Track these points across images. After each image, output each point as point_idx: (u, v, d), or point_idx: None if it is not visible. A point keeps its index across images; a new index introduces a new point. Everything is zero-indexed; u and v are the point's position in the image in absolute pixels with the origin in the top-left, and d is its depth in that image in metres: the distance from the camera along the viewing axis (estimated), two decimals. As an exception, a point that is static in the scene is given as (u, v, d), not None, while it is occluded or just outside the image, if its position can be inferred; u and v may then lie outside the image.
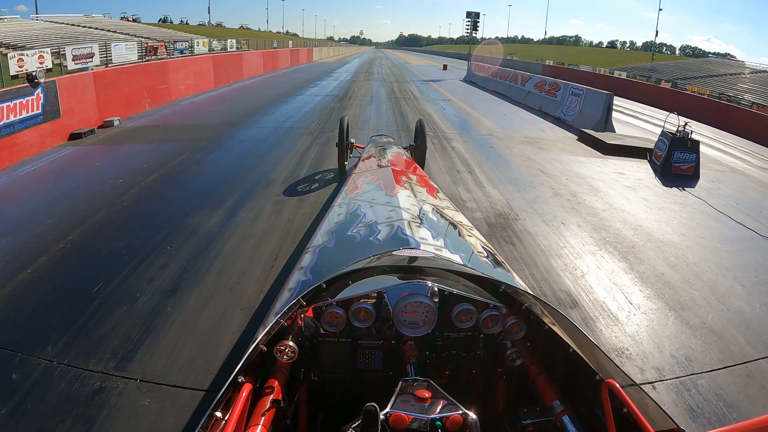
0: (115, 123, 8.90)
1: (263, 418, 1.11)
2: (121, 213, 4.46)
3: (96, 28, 28.37)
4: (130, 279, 3.28)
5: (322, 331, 1.40)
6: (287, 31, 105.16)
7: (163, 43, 22.89)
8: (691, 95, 18.62)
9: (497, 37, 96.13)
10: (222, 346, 2.62)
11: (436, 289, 1.38)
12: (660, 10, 50.09)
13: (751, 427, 0.71)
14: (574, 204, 5.17)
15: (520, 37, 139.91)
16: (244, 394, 1.11)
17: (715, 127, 12.61)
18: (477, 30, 29.83)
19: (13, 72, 10.96)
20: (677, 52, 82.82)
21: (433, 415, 0.98)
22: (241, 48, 28.19)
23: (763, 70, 32.30)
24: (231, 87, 15.79)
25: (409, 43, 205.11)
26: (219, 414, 1.03)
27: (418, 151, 5.68)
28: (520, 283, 1.90)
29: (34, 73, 7.56)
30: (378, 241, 1.94)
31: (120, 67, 11.10)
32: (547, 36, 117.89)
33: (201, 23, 62.68)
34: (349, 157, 5.96)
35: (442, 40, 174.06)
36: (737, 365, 2.78)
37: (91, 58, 17.80)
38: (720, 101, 16.40)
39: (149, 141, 7.51)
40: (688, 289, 3.59)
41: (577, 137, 9.12)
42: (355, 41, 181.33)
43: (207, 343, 2.64)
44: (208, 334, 2.70)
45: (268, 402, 1.16)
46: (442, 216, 2.45)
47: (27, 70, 15.04)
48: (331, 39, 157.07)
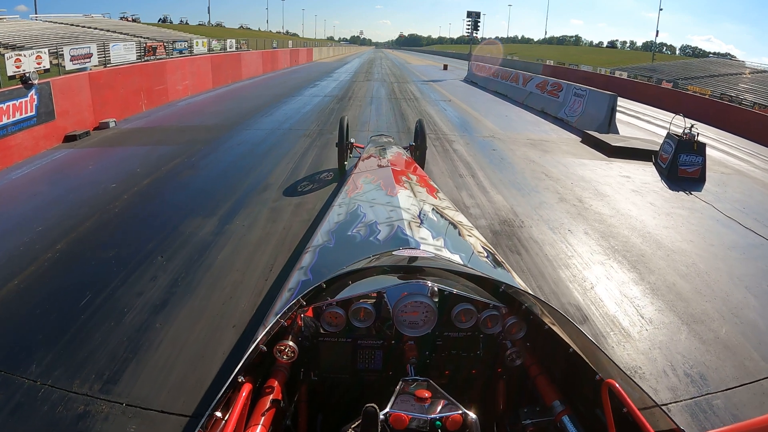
0: (111, 125, 8.76)
1: (263, 418, 1.10)
2: (112, 220, 4.32)
3: (95, 28, 28.19)
4: (118, 292, 3.14)
5: (322, 331, 1.39)
6: (287, 31, 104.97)
7: (162, 44, 22.73)
8: (692, 95, 18.49)
9: (497, 37, 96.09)
10: (212, 367, 2.47)
11: (436, 289, 1.38)
12: (660, 10, 50.00)
13: (751, 427, 0.71)
14: (580, 210, 5.03)
15: (520, 37, 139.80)
16: (244, 394, 1.10)
17: (716, 127, 12.48)
18: (478, 30, 29.70)
19: (10, 72, 10.83)
20: (677, 52, 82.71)
21: (433, 415, 0.97)
22: (240, 48, 28.00)
23: (764, 70, 32.17)
24: (229, 87, 15.65)
25: (409, 43, 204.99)
26: (219, 414, 1.02)
27: (418, 151, 5.66)
28: (520, 283, 1.88)
29: (28, 74, 7.43)
30: (378, 241, 1.94)
31: (116, 68, 10.95)
32: (547, 36, 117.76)
33: (201, 23, 62.49)
34: (349, 157, 5.93)
35: (442, 40, 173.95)
36: (753, 383, 2.66)
37: (89, 58, 17.64)
38: (721, 101, 16.27)
39: (144, 143, 7.36)
40: (700, 300, 3.46)
41: (580, 139, 8.98)
42: (355, 41, 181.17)
43: (196, 363, 2.49)
44: (197, 354, 2.55)
45: (268, 402, 1.15)
46: (442, 216, 2.44)
47: (24, 70, 14.92)
48: (331, 39, 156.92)
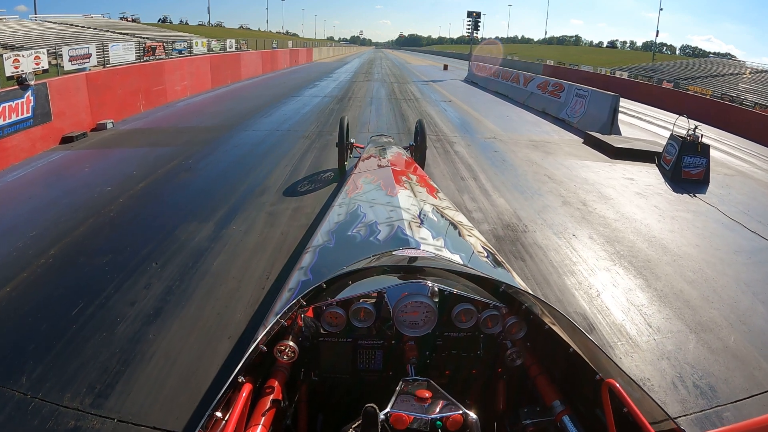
0: (109, 126, 8.66)
1: (263, 418, 1.10)
2: (107, 224, 4.23)
3: (95, 29, 28.14)
4: (111, 301, 3.05)
5: (322, 331, 1.39)
6: (287, 31, 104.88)
7: (161, 44, 22.65)
8: (693, 95, 18.42)
9: (497, 37, 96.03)
10: (206, 380, 2.38)
11: (436, 289, 1.38)
12: (661, 9, 49.92)
13: (751, 427, 0.70)
14: (584, 213, 4.94)
15: (520, 37, 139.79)
16: (244, 394, 1.10)
17: (717, 127, 12.40)
18: (478, 30, 29.59)
19: (8, 73, 10.76)
20: (677, 52, 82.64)
21: (433, 415, 0.97)
22: (240, 48, 27.93)
23: (764, 70, 32.10)
24: (229, 88, 15.55)
25: (409, 43, 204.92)
26: (219, 414, 1.02)
27: (418, 151, 5.64)
28: (520, 283, 1.87)
29: (24, 75, 7.33)
30: (378, 241, 1.93)
31: (114, 68, 10.87)
32: (547, 36, 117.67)
33: (201, 23, 62.40)
34: (349, 157, 5.91)
35: (442, 40, 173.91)
36: (762, 394, 2.59)
37: (88, 58, 17.56)
38: (722, 101, 16.19)
39: (141, 145, 7.27)
40: (708, 308, 3.38)
41: (582, 140, 8.89)
42: (355, 41, 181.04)
43: (190, 377, 2.40)
44: (191, 368, 2.46)
45: (268, 402, 1.15)
46: (442, 216, 2.43)
47: (23, 71, 14.84)
48: (331, 39, 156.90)
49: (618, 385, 1.03)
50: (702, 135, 6.94)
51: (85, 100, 8.48)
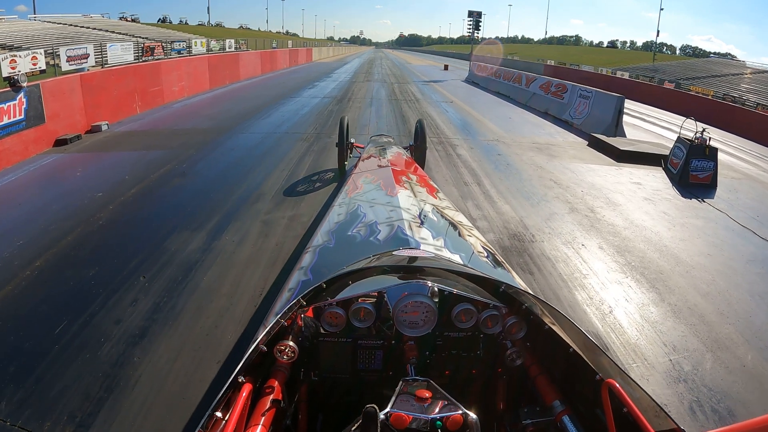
0: (104, 128, 8.49)
1: (263, 418, 1.10)
2: (95, 234, 4.05)
3: (94, 29, 27.94)
4: (96, 318, 2.88)
5: (322, 331, 1.38)
6: (287, 31, 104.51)
7: (160, 44, 22.46)
8: (695, 96, 18.25)
9: (497, 37, 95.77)
10: (194, 408, 2.21)
11: (436, 289, 1.38)
12: (661, 9, 49.71)
13: (751, 427, 0.70)
14: (593, 221, 4.76)
15: (520, 37, 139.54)
16: (244, 394, 1.09)
17: (720, 128, 12.25)
18: (479, 29, 29.41)
19: (5, 74, 10.58)
20: (677, 52, 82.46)
21: (433, 415, 0.96)
22: (240, 48, 27.73)
23: (765, 70, 31.91)
24: (227, 88, 15.38)
25: (410, 43, 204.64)
26: (219, 414, 1.01)
27: (418, 151, 5.62)
28: (520, 283, 1.87)
29: (16, 77, 7.16)
30: (378, 241, 1.93)
31: (109, 69, 10.68)
32: (548, 36, 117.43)
33: (200, 23, 62.13)
34: (349, 157, 5.89)
35: (442, 40, 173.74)
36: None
37: (86, 58, 17.39)
38: (725, 102, 16.02)
39: (135, 148, 7.09)
40: (723, 323, 3.22)
41: (587, 142, 8.73)
42: (355, 41, 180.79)
43: (176, 406, 2.23)
44: (177, 395, 2.29)
45: (268, 402, 1.15)
46: (442, 216, 2.42)
47: (20, 71, 14.66)
48: (331, 39, 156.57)
49: (618, 385, 1.02)
50: (710, 138, 6.79)
51: (80, 101, 8.30)
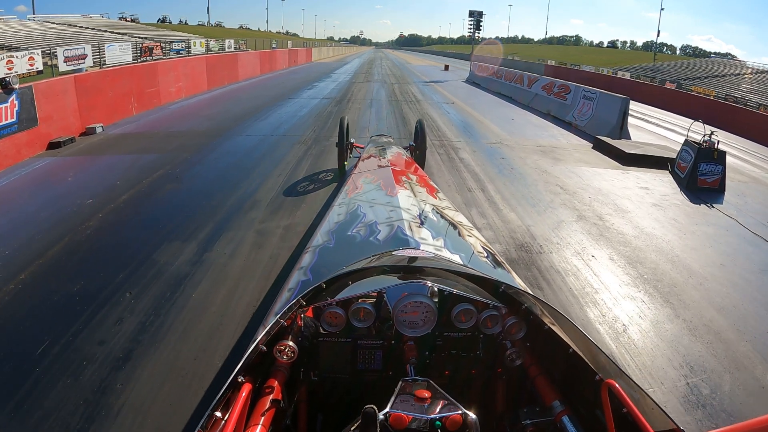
0: (98, 130, 8.30)
1: (263, 418, 1.09)
2: (83, 244, 3.87)
3: (93, 29, 27.82)
4: (78, 339, 2.70)
5: (321, 331, 1.38)
6: (287, 32, 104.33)
7: (158, 44, 22.28)
8: (697, 96, 18.10)
9: (497, 37, 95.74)
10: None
11: (436, 289, 1.38)
12: (662, 9, 49.55)
13: (751, 427, 0.70)
14: (602, 229, 4.58)
15: (520, 37, 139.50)
16: (244, 394, 1.09)
17: (722, 129, 12.10)
18: (480, 29, 29.22)
19: (2, 74, 10.42)
20: (678, 52, 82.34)
21: (433, 415, 0.96)
22: (239, 48, 27.56)
23: (765, 70, 31.77)
24: (225, 89, 15.18)
25: (409, 43, 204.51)
26: (219, 414, 1.01)
27: (418, 151, 5.62)
28: (520, 283, 1.87)
29: (8, 78, 6.97)
30: (378, 241, 1.93)
31: (104, 70, 10.48)
32: (548, 36, 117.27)
33: (200, 23, 62.01)
34: (349, 157, 5.88)
35: (442, 40, 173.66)
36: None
37: (84, 59, 17.20)
38: (727, 103, 15.86)
39: (129, 151, 6.90)
40: (740, 340, 3.06)
41: (592, 145, 8.55)
42: (355, 41, 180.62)
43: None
44: (161, 428, 2.11)
45: (267, 402, 1.15)
46: (442, 216, 2.42)
47: (17, 72, 14.48)
48: (331, 39, 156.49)
49: (618, 385, 1.02)
50: (718, 141, 6.62)
51: (74, 103, 8.11)
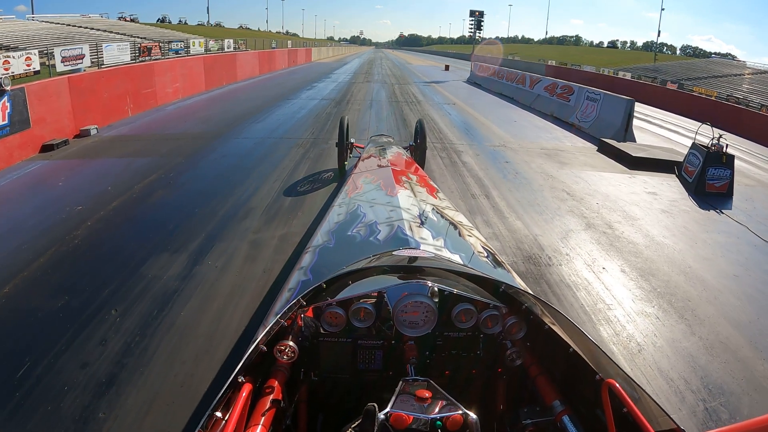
0: (93, 132, 8.12)
1: (263, 418, 1.09)
2: (69, 255, 3.69)
3: (92, 29, 27.69)
4: (61, 360, 2.53)
5: (322, 331, 1.38)
6: (287, 31, 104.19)
7: (157, 44, 22.11)
8: (698, 97, 17.95)
9: (497, 37, 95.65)
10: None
11: (436, 289, 1.38)
12: (662, 9, 49.40)
13: (751, 427, 0.70)
14: (611, 239, 4.42)
15: (520, 37, 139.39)
16: (244, 394, 1.09)
17: (725, 130, 11.95)
18: (481, 29, 29.06)
19: (-1, 75, 10.27)
20: (678, 52, 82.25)
21: (433, 415, 0.96)
22: (238, 48, 27.41)
23: (765, 70, 31.66)
24: (223, 89, 14.99)
25: (410, 43, 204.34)
26: (219, 414, 1.01)
27: (418, 151, 5.61)
28: (520, 283, 1.86)
29: (-1, 80, 6.80)
30: (378, 241, 1.92)
31: (99, 71, 10.30)
32: (548, 36, 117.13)
33: (200, 23, 61.89)
34: (349, 157, 5.86)
35: (442, 40, 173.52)
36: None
37: (82, 59, 17.03)
38: (728, 103, 15.72)
39: (123, 155, 6.73)
40: (757, 359, 2.92)
41: (596, 147, 8.40)
42: (355, 41, 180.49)
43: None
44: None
45: (268, 402, 1.14)
46: (442, 216, 2.42)
47: (14, 72, 14.31)
48: (331, 39, 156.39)
49: (618, 385, 1.02)
50: (727, 145, 6.47)
51: (68, 105, 7.93)
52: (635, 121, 11.24)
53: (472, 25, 29.18)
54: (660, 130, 11.69)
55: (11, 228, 4.27)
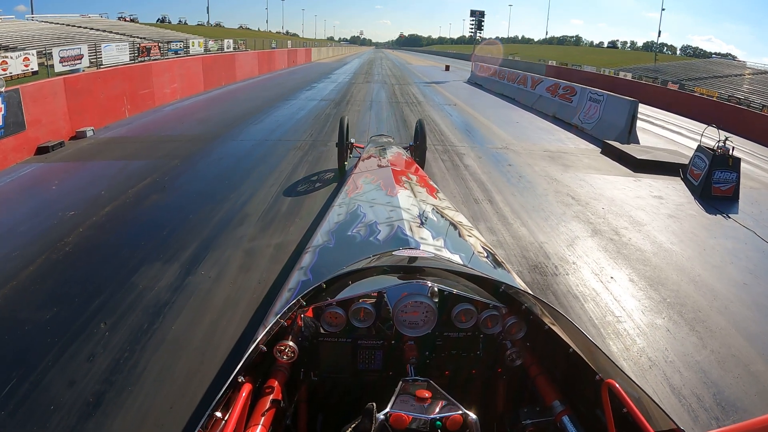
0: (89, 133, 8.02)
1: (263, 418, 1.09)
2: (60, 263, 3.57)
3: (92, 29, 27.60)
4: (47, 377, 2.42)
5: (322, 331, 1.38)
6: (287, 32, 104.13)
7: (156, 44, 21.99)
8: (699, 97, 17.87)
9: (497, 37, 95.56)
10: None
11: (436, 289, 1.38)
12: (663, 9, 49.30)
13: (751, 427, 0.70)
14: (619, 246, 4.30)
15: (520, 37, 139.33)
16: (244, 394, 1.09)
17: (728, 132, 11.87)
18: (482, 29, 28.96)
19: (-3, 75, 10.17)
20: (678, 53, 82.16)
21: (433, 415, 0.95)
22: (238, 48, 27.31)
23: (766, 71, 31.59)
24: (222, 90, 14.88)
25: (410, 43, 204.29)
26: (219, 414, 1.01)
27: (418, 151, 5.61)
28: (520, 283, 1.86)
29: (-7, 81, 6.70)
30: (378, 241, 1.92)
31: (95, 72, 10.19)
32: (548, 36, 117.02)
33: (200, 23, 61.85)
34: (349, 157, 5.86)
35: (442, 40, 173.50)
36: None
37: (80, 59, 16.90)
38: (731, 104, 15.62)
39: (118, 157, 6.61)
40: (771, 373, 2.80)
41: (600, 149, 8.28)
42: (355, 41, 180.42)
43: None
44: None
45: (268, 402, 1.15)
46: (442, 216, 2.42)
47: (11, 73, 14.19)
48: (331, 39, 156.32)
49: (618, 385, 1.02)
50: (733, 148, 6.36)
51: (63, 106, 7.82)
52: (638, 123, 11.17)
53: (472, 25, 29.07)
54: (662, 131, 11.58)
55: (2, 234, 4.16)
